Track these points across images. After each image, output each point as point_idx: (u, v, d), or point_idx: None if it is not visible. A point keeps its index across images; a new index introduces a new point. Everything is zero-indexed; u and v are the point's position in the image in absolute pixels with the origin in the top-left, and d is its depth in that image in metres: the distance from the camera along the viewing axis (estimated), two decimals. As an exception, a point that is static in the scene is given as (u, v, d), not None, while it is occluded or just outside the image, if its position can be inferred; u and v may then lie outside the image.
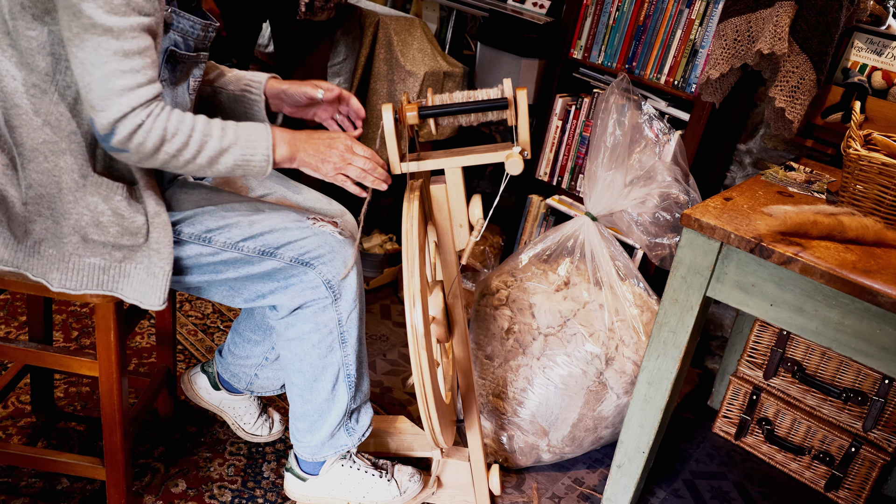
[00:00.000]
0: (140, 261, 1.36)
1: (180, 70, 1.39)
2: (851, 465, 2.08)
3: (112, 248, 1.34)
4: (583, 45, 2.45)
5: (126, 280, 1.36)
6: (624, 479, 1.84)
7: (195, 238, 1.42)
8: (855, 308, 1.39)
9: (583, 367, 1.94)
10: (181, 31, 1.35)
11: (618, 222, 2.11)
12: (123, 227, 1.33)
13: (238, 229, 1.43)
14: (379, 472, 1.71)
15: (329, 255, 1.48)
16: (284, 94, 1.57)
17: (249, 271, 1.45)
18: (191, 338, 2.34)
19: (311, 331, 1.52)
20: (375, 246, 2.88)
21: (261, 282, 1.48)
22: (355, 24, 2.70)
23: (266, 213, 1.48)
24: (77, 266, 1.34)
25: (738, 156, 2.45)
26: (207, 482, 1.81)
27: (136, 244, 1.35)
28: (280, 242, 1.45)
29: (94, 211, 1.31)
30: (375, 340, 2.52)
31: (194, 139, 1.28)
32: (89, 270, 1.35)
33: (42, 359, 1.52)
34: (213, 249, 1.42)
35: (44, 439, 1.87)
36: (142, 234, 1.35)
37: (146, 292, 1.37)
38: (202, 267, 1.44)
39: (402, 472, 1.75)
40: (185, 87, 1.43)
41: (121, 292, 1.36)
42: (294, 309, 1.51)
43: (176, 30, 1.34)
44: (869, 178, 1.57)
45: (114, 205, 1.32)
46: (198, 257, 1.42)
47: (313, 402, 1.58)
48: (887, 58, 2.09)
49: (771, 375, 2.19)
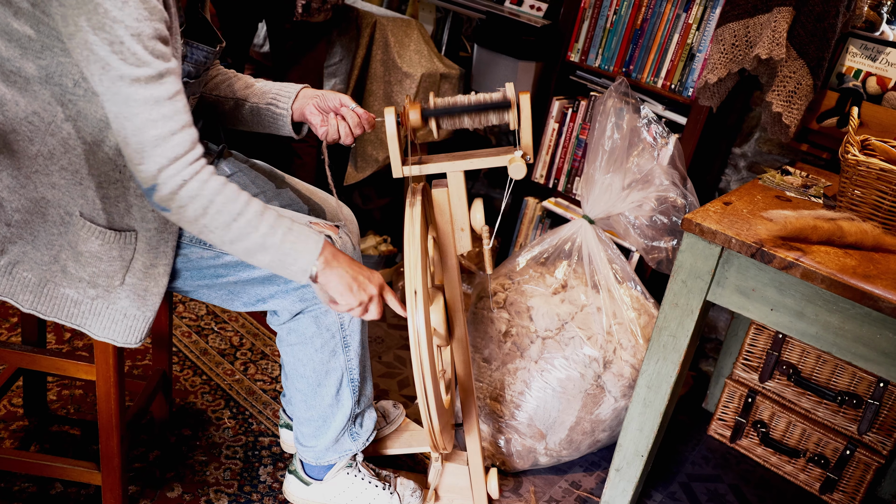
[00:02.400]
0: (115, 301, 1.34)
1: (188, 95, 1.38)
2: (846, 467, 2.09)
3: (87, 284, 1.33)
4: (580, 48, 2.45)
5: (95, 318, 1.35)
6: (622, 483, 1.84)
7: (196, 241, 1.41)
8: (855, 313, 1.40)
9: (580, 370, 1.93)
10: (194, 62, 1.34)
11: (615, 225, 2.11)
12: (99, 269, 1.32)
13: None
14: (382, 483, 1.70)
15: None
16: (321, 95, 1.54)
17: (250, 275, 1.44)
18: (185, 340, 2.32)
19: (313, 335, 1.51)
20: (370, 248, 2.88)
21: (261, 285, 1.46)
22: (352, 25, 2.70)
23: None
24: (51, 294, 1.32)
25: (734, 159, 2.46)
26: (203, 486, 1.80)
27: (111, 286, 1.33)
28: None
29: (75, 249, 1.30)
30: (371, 343, 2.51)
31: (237, 225, 1.24)
32: (62, 300, 1.33)
33: (37, 362, 1.50)
34: (215, 252, 1.41)
35: (37, 443, 1.85)
36: (118, 278, 1.33)
37: (120, 332, 1.36)
38: (203, 270, 1.43)
39: (405, 486, 1.75)
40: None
41: (87, 328, 1.35)
42: (296, 314, 1.50)
43: (189, 61, 1.33)
44: (867, 184, 1.58)
45: (92, 247, 1.30)
46: (199, 260, 1.41)
47: (317, 406, 1.57)
48: (882, 63, 2.10)
49: (766, 378, 2.20)
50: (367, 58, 2.69)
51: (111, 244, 1.31)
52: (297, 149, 2.62)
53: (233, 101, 1.58)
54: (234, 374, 2.21)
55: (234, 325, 2.44)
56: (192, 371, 2.19)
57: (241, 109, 1.57)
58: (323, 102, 1.52)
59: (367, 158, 2.78)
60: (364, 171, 2.80)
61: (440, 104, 1.45)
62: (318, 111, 1.54)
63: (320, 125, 1.53)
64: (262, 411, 2.08)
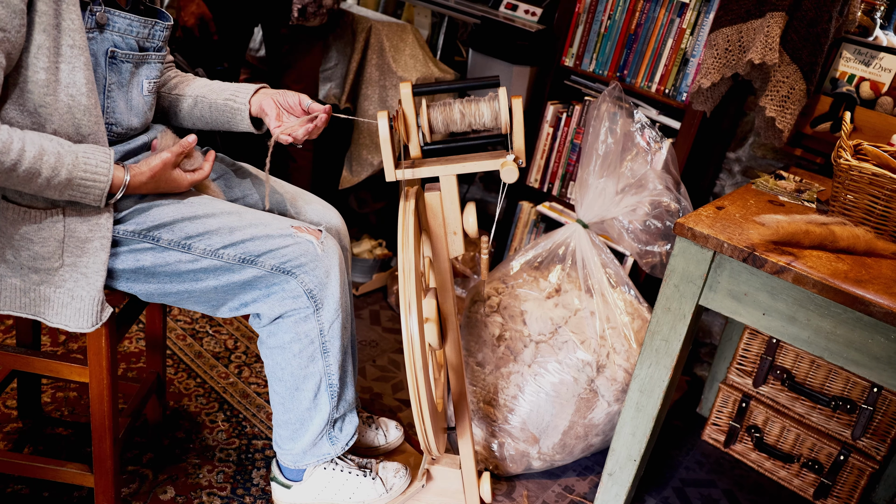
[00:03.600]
0: (60, 284, 1.34)
1: (127, 71, 1.37)
2: (840, 473, 2.09)
3: (29, 270, 1.32)
4: (574, 53, 2.46)
5: (47, 304, 1.35)
6: (615, 488, 1.84)
7: (174, 245, 1.39)
8: (847, 318, 1.40)
9: (574, 374, 1.94)
10: (118, 31, 1.33)
11: (609, 230, 2.12)
12: (34, 252, 1.31)
13: (218, 236, 1.41)
14: (363, 471, 1.69)
15: (312, 264, 1.46)
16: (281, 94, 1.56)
17: (230, 279, 1.43)
18: (179, 343, 2.32)
19: (291, 340, 1.50)
20: (365, 251, 2.88)
21: (242, 291, 1.46)
22: (347, 29, 2.70)
23: (248, 220, 1.46)
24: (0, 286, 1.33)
25: (728, 164, 2.47)
26: (196, 489, 1.80)
27: (52, 268, 1.33)
28: (261, 250, 1.43)
29: (6, 234, 1.30)
30: (365, 346, 2.51)
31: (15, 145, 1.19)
32: (11, 291, 1.33)
33: (31, 364, 1.50)
34: (193, 256, 1.40)
35: (30, 445, 1.85)
36: (55, 259, 1.32)
37: (71, 316, 1.35)
38: (182, 275, 1.41)
39: (387, 468, 1.73)
40: (138, 90, 1.42)
41: (43, 316, 1.35)
42: (275, 318, 1.49)
43: (112, 30, 1.32)
44: (860, 188, 1.58)
45: (23, 229, 1.30)
46: (177, 264, 1.40)
47: (294, 410, 1.57)
48: (875, 68, 2.11)
49: (760, 383, 2.20)
50: (363, 62, 2.70)
51: (38, 224, 1.30)
52: (293, 152, 2.63)
53: (191, 98, 1.59)
54: (228, 377, 2.21)
55: (228, 329, 2.44)
56: (187, 374, 2.19)
57: (199, 106, 1.59)
58: (282, 98, 1.55)
59: (362, 162, 2.78)
60: (359, 174, 2.80)
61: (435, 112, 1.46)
62: (276, 105, 1.56)
63: (275, 118, 1.55)
64: (255, 414, 2.08)
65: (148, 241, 1.39)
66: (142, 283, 1.42)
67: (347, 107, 2.77)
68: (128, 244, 1.38)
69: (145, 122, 1.49)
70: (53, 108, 1.26)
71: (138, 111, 1.45)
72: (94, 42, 1.32)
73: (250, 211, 1.50)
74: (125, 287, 1.43)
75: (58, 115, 1.27)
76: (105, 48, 1.33)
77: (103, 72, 1.35)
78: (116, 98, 1.38)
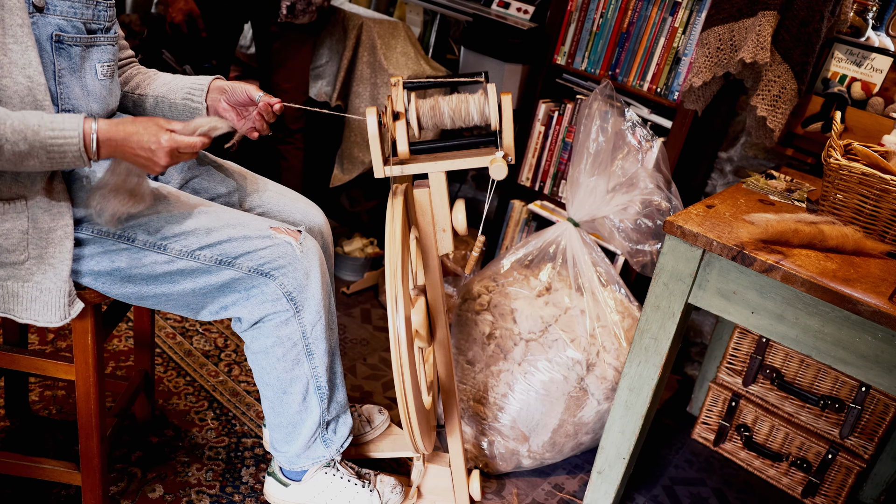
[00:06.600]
0: (27, 278, 1.31)
1: (77, 55, 1.32)
2: (828, 471, 2.10)
3: None
4: (566, 51, 2.46)
5: (15, 300, 1.32)
6: (604, 486, 1.84)
7: (150, 245, 1.37)
8: (835, 316, 1.41)
9: (564, 372, 1.94)
10: (62, 14, 1.29)
11: (600, 228, 2.12)
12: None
13: (195, 237, 1.39)
14: (362, 481, 1.69)
15: (290, 266, 1.44)
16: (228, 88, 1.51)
17: (207, 282, 1.41)
18: (169, 341, 2.31)
19: (273, 344, 1.48)
20: (356, 250, 2.87)
21: (220, 294, 1.44)
22: (339, 26, 2.69)
23: (226, 220, 1.43)
24: None
25: (719, 163, 2.47)
26: (185, 487, 1.79)
27: (18, 261, 1.30)
28: (238, 252, 1.41)
29: None
30: (356, 345, 2.51)
31: None
32: None
33: (17, 362, 1.49)
34: (168, 258, 1.38)
35: (18, 444, 1.83)
36: (21, 251, 1.30)
37: (40, 310, 1.33)
38: (158, 277, 1.39)
39: (385, 482, 1.74)
40: (92, 74, 1.36)
41: (13, 313, 1.33)
42: (255, 322, 1.47)
43: (55, 13, 1.28)
44: (849, 188, 1.59)
45: None
46: (153, 266, 1.38)
47: (285, 413, 1.56)
48: (866, 69, 2.12)
49: (750, 382, 2.20)
50: (354, 60, 2.69)
51: (1, 216, 1.27)
52: (284, 151, 2.62)
53: (153, 98, 1.56)
54: (217, 375, 2.21)
55: (218, 327, 2.43)
56: (176, 372, 2.18)
57: (160, 106, 1.55)
58: (232, 98, 1.51)
59: (353, 160, 2.78)
60: (350, 172, 2.79)
61: (425, 107, 1.46)
62: (231, 107, 1.52)
63: (238, 120, 1.51)
64: (245, 412, 2.08)
65: (123, 242, 1.36)
66: (118, 286, 1.40)
67: (339, 104, 2.76)
68: (102, 244, 1.36)
69: (107, 108, 1.42)
70: (13, 90, 1.22)
71: (96, 96, 1.38)
72: (35, 26, 1.26)
73: (229, 211, 1.48)
74: (103, 290, 1.40)
75: (18, 98, 1.23)
76: (49, 32, 1.27)
77: (50, 57, 1.29)
78: (70, 84, 1.32)
